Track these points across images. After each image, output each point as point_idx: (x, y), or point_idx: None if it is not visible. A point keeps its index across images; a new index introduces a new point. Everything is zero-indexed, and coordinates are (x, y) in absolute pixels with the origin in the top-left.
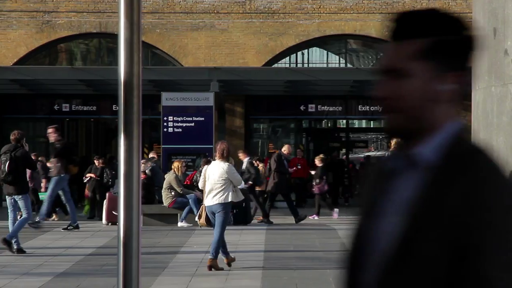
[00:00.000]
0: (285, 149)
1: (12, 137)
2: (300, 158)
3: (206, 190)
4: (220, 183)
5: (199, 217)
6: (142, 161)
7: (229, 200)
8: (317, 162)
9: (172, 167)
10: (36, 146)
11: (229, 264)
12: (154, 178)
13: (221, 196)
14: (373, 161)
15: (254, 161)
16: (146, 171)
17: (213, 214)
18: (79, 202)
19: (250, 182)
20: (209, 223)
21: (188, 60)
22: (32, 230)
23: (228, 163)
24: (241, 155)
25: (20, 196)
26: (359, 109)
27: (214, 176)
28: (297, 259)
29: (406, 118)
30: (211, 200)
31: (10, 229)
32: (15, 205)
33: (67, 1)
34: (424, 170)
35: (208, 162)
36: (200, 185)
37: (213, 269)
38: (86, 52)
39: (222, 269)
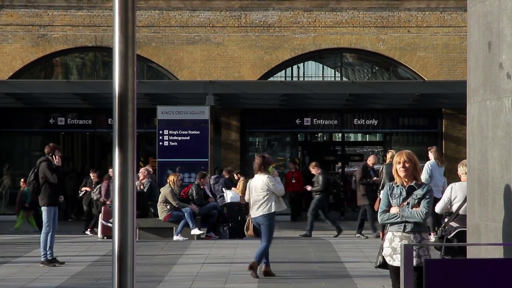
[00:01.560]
0: (370, 160)
1: (45, 150)
2: (295, 172)
3: (251, 202)
4: (262, 195)
5: (247, 229)
6: (142, 170)
7: (272, 210)
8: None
9: (168, 180)
10: (32, 160)
11: (265, 274)
12: (150, 195)
13: (264, 207)
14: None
15: (234, 174)
16: (144, 188)
17: (259, 225)
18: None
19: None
20: (257, 234)
21: (183, 74)
22: (28, 243)
23: (267, 175)
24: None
25: (43, 208)
26: (355, 123)
27: (256, 188)
28: (292, 272)
29: None
30: (255, 212)
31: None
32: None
33: (62, 15)
34: None
35: (203, 176)
36: (246, 198)
37: (267, 275)
38: (82, 66)
39: (274, 275)
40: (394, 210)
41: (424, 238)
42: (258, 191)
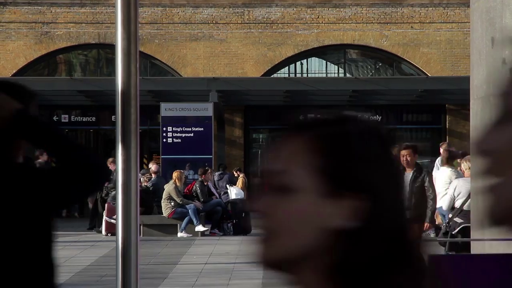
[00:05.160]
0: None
1: None
2: None
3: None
4: (445, 188)
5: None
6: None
7: None
8: None
9: (173, 177)
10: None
11: None
12: (155, 193)
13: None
14: None
15: (234, 172)
16: (146, 184)
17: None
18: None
19: None
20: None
21: (187, 71)
22: None
23: (451, 169)
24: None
25: None
26: None
27: (440, 180)
28: None
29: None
30: (438, 202)
31: None
32: None
33: (65, 12)
34: None
35: (205, 172)
36: None
37: None
38: (85, 63)
39: None
40: None
41: None
42: (442, 183)
